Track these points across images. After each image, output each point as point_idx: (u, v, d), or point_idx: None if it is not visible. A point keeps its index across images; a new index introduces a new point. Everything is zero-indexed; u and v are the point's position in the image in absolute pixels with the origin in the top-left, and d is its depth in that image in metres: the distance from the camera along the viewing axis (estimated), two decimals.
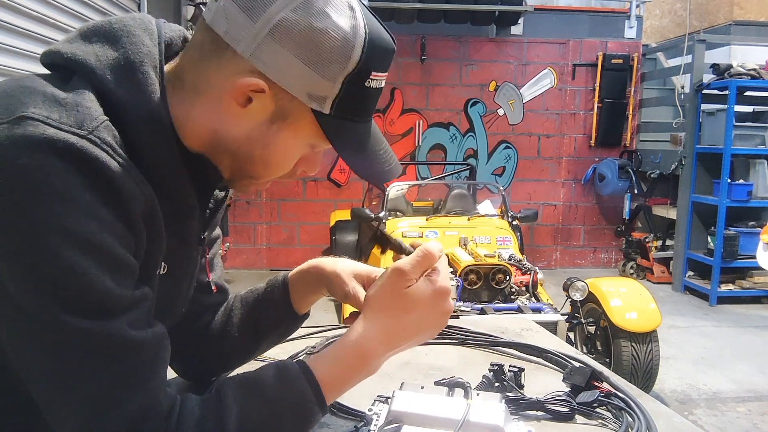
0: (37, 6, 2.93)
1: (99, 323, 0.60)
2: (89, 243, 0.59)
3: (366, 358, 0.75)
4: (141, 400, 0.62)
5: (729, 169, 5.58)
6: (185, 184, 0.73)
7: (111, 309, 0.61)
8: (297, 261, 0.96)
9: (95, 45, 0.69)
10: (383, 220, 4.62)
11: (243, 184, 0.79)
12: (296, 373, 0.71)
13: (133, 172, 0.64)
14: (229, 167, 0.76)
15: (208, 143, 0.74)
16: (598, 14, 7.06)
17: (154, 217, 0.68)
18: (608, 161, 6.84)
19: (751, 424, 3.29)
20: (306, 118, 0.71)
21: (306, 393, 0.70)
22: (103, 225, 0.60)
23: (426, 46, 6.66)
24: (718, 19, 7.06)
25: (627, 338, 3.18)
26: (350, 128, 0.73)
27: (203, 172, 0.76)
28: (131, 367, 0.62)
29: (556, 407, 0.96)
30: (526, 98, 6.99)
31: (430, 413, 0.80)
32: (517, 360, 1.20)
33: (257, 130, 0.71)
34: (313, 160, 0.79)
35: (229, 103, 0.70)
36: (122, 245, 0.63)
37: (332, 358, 0.74)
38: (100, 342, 0.60)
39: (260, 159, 0.74)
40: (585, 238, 7.30)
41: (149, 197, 0.66)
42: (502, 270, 3.43)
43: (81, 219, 0.59)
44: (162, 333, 0.68)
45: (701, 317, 5.32)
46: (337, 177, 6.91)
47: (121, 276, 0.63)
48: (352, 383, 0.76)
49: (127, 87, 0.67)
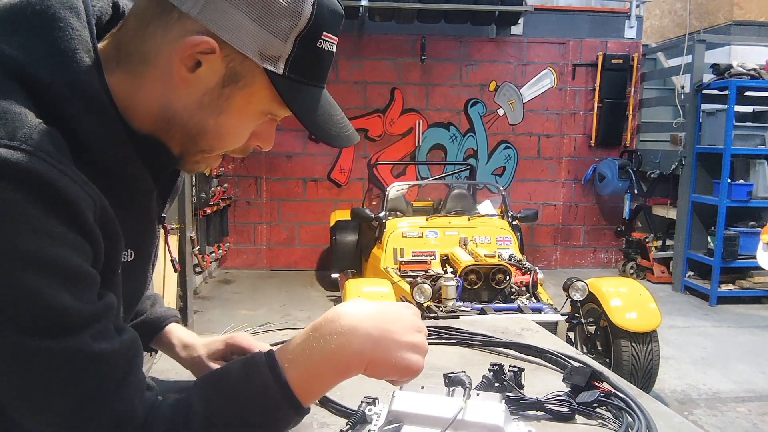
0: None
1: (61, 341, 0.58)
2: (41, 261, 0.57)
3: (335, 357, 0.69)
4: (115, 411, 0.60)
5: (729, 169, 5.58)
6: (138, 168, 0.71)
7: (71, 326, 0.58)
8: (297, 261, 0.97)
9: (20, 35, 0.64)
10: (383, 220, 4.63)
11: (194, 160, 0.76)
12: (261, 363, 0.67)
13: (76, 177, 0.60)
14: (179, 142, 0.73)
15: (157, 121, 0.71)
16: (598, 14, 7.06)
17: (106, 217, 0.64)
18: (608, 161, 6.84)
19: (751, 424, 3.29)
20: (259, 80, 0.69)
21: (269, 385, 0.66)
22: (53, 239, 0.57)
23: (426, 46, 6.66)
24: (718, 19, 7.06)
25: (627, 338, 3.18)
26: (305, 91, 0.71)
27: (155, 154, 0.73)
28: (101, 380, 0.60)
29: (556, 407, 0.96)
30: (526, 98, 6.99)
31: (430, 413, 0.80)
32: (517, 360, 1.20)
33: (208, 96, 0.69)
34: (268, 134, 0.78)
35: (179, 69, 0.67)
36: (78, 256, 0.60)
37: (299, 345, 0.69)
38: (65, 360, 0.58)
39: (213, 129, 0.72)
40: (585, 238, 7.30)
41: (97, 198, 0.63)
42: (502, 270, 3.43)
43: (29, 237, 0.56)
44: (131, 338, 0.65)
45: (701, 317, 5.32)
46: (337, 177, 6.91)
47: (80, 289, 0.60)
48: (325, 377, 0.69)
49: (63, 78, 0.63)
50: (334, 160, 6.88)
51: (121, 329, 0.65)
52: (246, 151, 0.79)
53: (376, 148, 6.92)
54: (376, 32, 6.64)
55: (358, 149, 6.87)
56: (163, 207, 0.84)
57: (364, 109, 6.79)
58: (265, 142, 0.78)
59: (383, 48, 6.73)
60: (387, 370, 0.72)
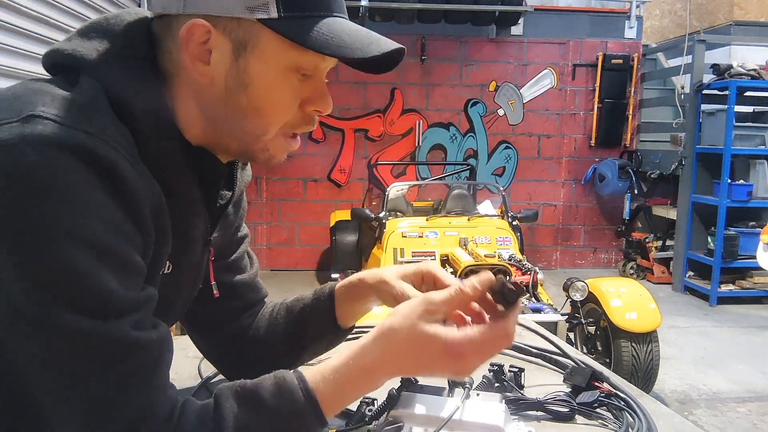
0: (37, 6, 2.93)
1: (102, 324, 0.59)
2: (96, 243, 0.59)
3: (369, 378, 0.70)
4: (141, 401, 0.61)
5: (729, 169, 5.58)
6: (189, 178, 0.72)
7: (115, 310, 0.60)
8: (297, 261, 0.96)
9: (94, 41, 0.69)
10: (383, 220, 4.63)
11: (260, 148, 0.75)
12: (294, 386, 0.68)
13: (142, 170, 0.64)
14: (232, 138, 0.73)
15: (204, 129, 0.73)
16: (598, 14, 7.05)
17: (161, 215, 0.67)
18: (608, 161, 6.84)
19: (751, 424, 3.29)
20: (263, 36, 0.68)
21: (301, 405, 0.67)
22: (111, 225, 0.60)
23: (426, 46, 6.66)
24: (718, 19, 7.06)
25: (627, 338, 3.18)
26: (312, 24, 0.67)
27: (207, 166, 0.75)
28: (133, 368, 0.61)
29: (556, 407, 0.96)
30: (526, 98, 6.99)
31: (430, 413, 0.79)
32: (517, 360, 1.20)
33: (231, 78, 0.70)
34: (319, 94, 0.74)
35: (196, 67, 0.69)
36: (130, 245, 0.62)
37: (332, 372, 0.70)
38: (104, 343, 0.59)
39: (249, 106, 0.71)
40: (585, 239, 7.30)
41: (157, 195, 0.66)
42: (502, 270, 3.43)
43: (89, 218, 0.58)
44: (165, 334, 0.67)
45: (701, 317, 5.32)
46: (337, 177, 6.91)
47: (127, 277, 0.62)
48: (352, 399, 0.73)
49: (130, 81, 0.67)
50: (334, 160, 6.89)
51: (156, 323, 0.67)
52: (309, 122, 0.75)
53: (376, 148, 6.92)
54: (376, 32, 6.62)
55: (358, 149, 6.87)
56: (212, 228, 0.83)
57: (364, 109, 6.79)
58: (320, 103, 0.74)
59: None
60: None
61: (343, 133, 6.83)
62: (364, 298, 0.93)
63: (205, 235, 0.82)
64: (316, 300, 0.96)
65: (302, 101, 0.73)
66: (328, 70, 0.76)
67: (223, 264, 0.95)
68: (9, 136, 0.57)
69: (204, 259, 0.86)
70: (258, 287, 1.01)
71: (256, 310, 1.00)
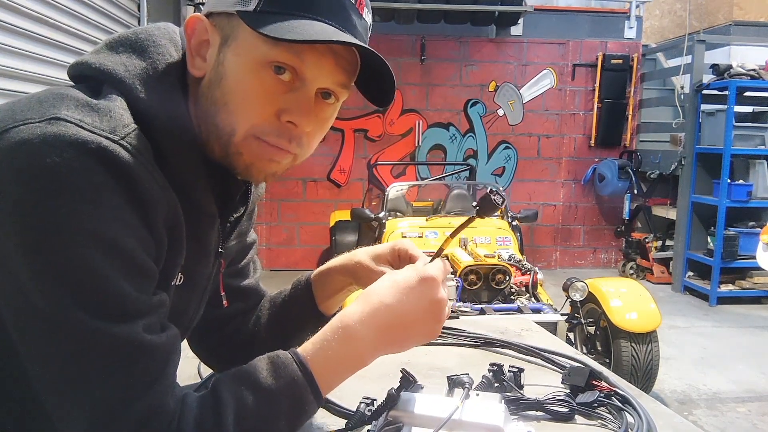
0: (37, 6, 2.93)
1: (116, 326, 0.60)
2: (113, 245, 0.60)
3: (351, 338, 0.71)
4: (149, 402, 0.62)
5: (729, 169, 5.58)
6: (206, 192, 0.73)
7: (129, 312, 0.61)
8: (297, 261, 0.96)
9: (122, 55, 0.71)
10: (383, 220, 4.63)
11: (232, 152, 0.72)
12: (288, 360, 0.69)
13: (159, 178, 0.65)
14: (214, 141, 0.72)
15: (200, 130, 0.73)
16: (597, 14, 7.06)
17: (176, 225, 0.68)
18: (608, 161, 6.84)
19: (751, 424, 3.29)
20: (242, 30, 0.68)
21: (297, 377, 0.68)
22: (127, 229, 0.61)
23: (426, 46, 6.66)
24: (717, 19, 7.06)
25: (627, 338, 3.18)
26: (283, 20, 0.66)
27: (225, 181, 0.77)
28: (143, 370, 0.62)
29: (556, 407, 0.96)
30: (525, 98, 6.99)
31: (429, 413, 0.79)
32: (516, 360, 1.20)
33: (212, 71, 0.71)
34: (296, 104, 0.70)
35: (194, 62, 0.72)
36: (144, 250, 0.63)
37: (319, 340, 0.72)
38: (117, 345, 0.60)
39: (221, 100, 0.70)
40: (585, 239, 7.30)
41: (174, 206, 0.67)
42: (501, 270, 3.43)
43: (106, 221, 0.59)
44: (174, 336, 0.68)
45: (701, 317, 5.32)
46: (336, 177, 6.91)
47: (141, 281, 0.63)
48: (342, 368, 0.73)
49: (155, 96, 0.68)
50: (333, 160, 6.89)
51: (165, 326, 0.68)
52: (281, 133, 0.71)
53: (375, 148, 6.92)
54: (375, 32, 6.52)
55: (358, 149, 6.88)
56: (225, 241, 0.84)
57: (364, 109, 6.79)
58: (297, 115, 0.70)
59: (383, 48, 6.71)
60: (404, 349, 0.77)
61: (342, 133, 6.83)
62: (339, 284, 0.96)
63: (216, 248, 0.83)
64: (294, 290, 0.99)
65: (280, 110, 0.70)
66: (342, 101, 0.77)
67: (233, 270, 0.97)
68: (31, 135, 0.59)
69: (215, 271, 0.87)
70: (260, 290, 1.03)
71: (255, 311, 1.02)
